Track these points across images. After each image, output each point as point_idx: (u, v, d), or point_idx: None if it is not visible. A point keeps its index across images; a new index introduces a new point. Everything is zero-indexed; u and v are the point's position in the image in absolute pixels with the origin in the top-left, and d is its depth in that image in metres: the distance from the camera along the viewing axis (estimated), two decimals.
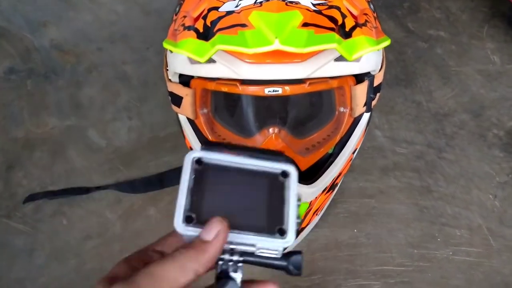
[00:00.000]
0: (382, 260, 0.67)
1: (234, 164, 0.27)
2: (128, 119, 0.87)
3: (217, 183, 0.27)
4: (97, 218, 0.73)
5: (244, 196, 0.27)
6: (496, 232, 0.70)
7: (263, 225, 0.26)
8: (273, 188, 0.27)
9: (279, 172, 0.27)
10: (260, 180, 0.27)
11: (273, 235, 0.26)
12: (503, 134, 0.82)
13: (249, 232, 0.26)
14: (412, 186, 0.75)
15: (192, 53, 0.48)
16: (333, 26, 0.47)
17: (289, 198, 0.27)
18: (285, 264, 0.27)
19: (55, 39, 1.01)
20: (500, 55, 0.94)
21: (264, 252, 0.26)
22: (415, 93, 0.89)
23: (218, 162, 0.27)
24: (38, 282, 0.67)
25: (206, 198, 0.26)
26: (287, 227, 0.26)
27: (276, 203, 0.27)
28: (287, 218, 0.26)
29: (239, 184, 0.27)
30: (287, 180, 0.27)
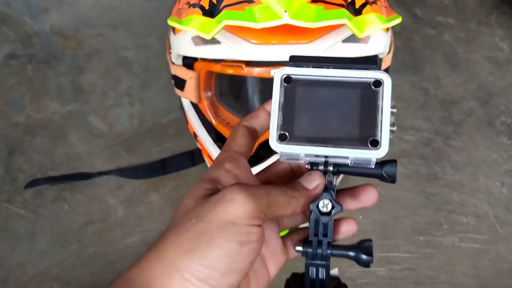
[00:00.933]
0: (388, 247, 0.66)
1: (323, 77, 0.26)
2: (129, 104, 0.86)
3: (308, 98, 0.26)
4: (99, 203, 0.72)
5: (335, 109, 0.26)
6: (503, 219, 0.69)
7: (356, 138, 0.25)
8: (365, 99, 0.26)
9: (371, 81, 0.26)
10: (351, 91, 0.26)
11: (366, 147, 0.25)
12: (511, 122, 0.80)
13: (342, 146, 0.26)
14: (419, 173, 0.74)
15: (198, 30, 0.46)
16: (342, 3, 0.46)
17: (383, 107, 0.25)
18: (379, 173, 0.27)
19: (55, 24, 1.00)
20: (509, 42, 0.93)
21: (358, 162, 0.26)
22: (422, 80, 0.87)
23: (306, 77, 0.26)
24: (39, 266, 0.66)
25: (298, 115, 0.26)
26: (380, 137, 0.25)
27: (368, 114, 0.26)
28: (380, 128, 0.25)
29: (330, 97, 0.26)
30: (380, 88, 0.26)
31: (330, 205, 0.26)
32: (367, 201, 0.28)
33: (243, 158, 0.27)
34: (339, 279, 0.28)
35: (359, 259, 0.27)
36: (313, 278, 0.27)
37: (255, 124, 0.28)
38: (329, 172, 0.27)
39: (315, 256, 0.27)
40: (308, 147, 0.26)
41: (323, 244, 0.27)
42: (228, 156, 0.26)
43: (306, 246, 0.27)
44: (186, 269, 0.22)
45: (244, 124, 0.28)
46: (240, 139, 0.27)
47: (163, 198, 0.73)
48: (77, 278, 0.64)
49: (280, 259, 0.28)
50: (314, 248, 0.27)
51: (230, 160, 0.26)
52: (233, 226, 0.22)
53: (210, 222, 0.22)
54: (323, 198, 0.26)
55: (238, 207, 0.22)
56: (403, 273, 0.64)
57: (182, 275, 0.22)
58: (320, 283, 0.27)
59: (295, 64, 0.27)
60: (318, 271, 0.27)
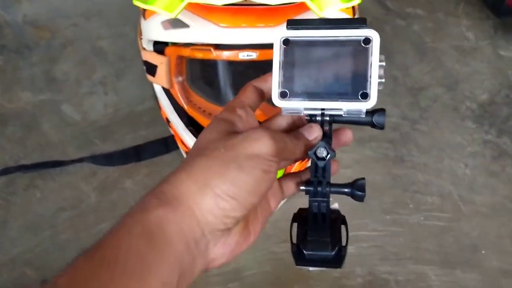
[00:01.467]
0: (356, 226, 0.68)
1: (318, 37, 0.29)
2: (104, 93, 0.86)
3: (305, 57, 0.29)
4: (72, 190, 0.72)
5: (329, 66, 0.29)
6: (466, 198, 0.72)
7: (348, 91, 0.29)
8: (356, 55, 0.29)
9: (361, 39, 0.29)
10: (343, 49, 0.29)
11: (357, 99, 0.29)
12: (475, 107, 0.83)
13: (336, 99, 0.29)
14: (387, 156, 0.76)
15: (163, 9, 0.47)
16: None
17: (372, 62, 0.28)
18: (370, 120, 0.30)
19: (28, 15, 0.99)
20: (474, 31, 0.96)
21: (351, 113, 0.29)
22: (392, 69, 0.90)
23: (303, 38, 0.29)
24: (11, 252, 0.66)
25: (296, 74, 0.30)
26: (370, 90, 0.28)
27: (359, 69, 0.29)
28: (370, 81, 0.29)
29: (324, 55, 0.29)
30: (369, 45, 0.28)
31: (326, 152, 0.30)
32: (344, 140, 0.33)
33: (250, 108, 0.30)
34: (339, 212, 0.32)
35: (354, 194, 0.31)
36: (315, 212, 0.30)
37: (263, 86, 0.31)
38: (325, 122, 0.30)
39: (316, 194, 0.30)
40: (306, 102, 0.30)
41: (323, 184, 0.30)
42: (239, 104, 0.30)
43: (308, 185, 0.31)
44: (218, 187, 0.26)
45: (254, 83, 0.32)
46: (249, 93, 0.31)
47: (137, 184, 0.73)
48: (50, 263, 0.64)
49: (278, 197, 0.33)
50: (315, 187, 0.30)
51: (240, 107, 0.30)
52: (258, 158, 0.27)
53: (239, 152, 0.27)
54: (319, 146, 0.30)
55: (262, 145, 0.27)
56: (371, 250, 0.66)
57: (215, 191, 0.26)
58: (322, 215, 0.30)
59: (292, 28, 0.29)
60: (320, 206, 0.30)
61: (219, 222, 0.26)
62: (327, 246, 0.30)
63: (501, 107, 0.83)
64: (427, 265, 0.66)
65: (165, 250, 0.25)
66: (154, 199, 0.26)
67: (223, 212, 0.26)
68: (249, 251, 0.65)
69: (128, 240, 0.24)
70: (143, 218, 0.25)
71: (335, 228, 0.31)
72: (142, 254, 0.24)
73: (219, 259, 0.28)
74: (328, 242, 0.30)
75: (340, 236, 0.31)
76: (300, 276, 0.64)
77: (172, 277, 0.25)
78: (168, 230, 0.25)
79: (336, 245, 0.30)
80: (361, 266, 0.65)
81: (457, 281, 0.65)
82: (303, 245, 0.30)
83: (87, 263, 0.23)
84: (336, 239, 0.30)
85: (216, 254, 0.28)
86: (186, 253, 0.26)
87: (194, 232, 0.26)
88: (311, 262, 0.30)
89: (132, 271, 0.23)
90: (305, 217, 0.31)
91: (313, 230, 0.30)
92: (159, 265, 0.24)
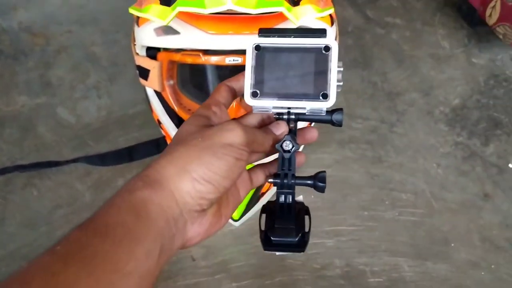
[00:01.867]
0: (336, 221, 0.73)
1: (285, 44, 0.33)
2: (97, 97, 0.90)
3: (274, 62, 0.33)
4: (67, 189, 0.76)
5: (295, 69, 0.33)
6: (438, 196, 0.77)
7: (311, 92, 0.32)
8: (318, 61, 0.32)
9: (322, 47, 0.32)
10: (307, 55, 0.33)
11: (318, 99, 0.32)
12: (448, 111, 0.89)
13: (301, 99, 0.33)
14: (365, 156, 0.81)
15: (156, 16, 0.52)
16: None
17: (331, 67, 0.32)
18: (329, 119, 0.34)
19: (24, 21, 1.02)
20: (449, 40, 1.02)
21: (313, 111, 0.33)
22: (371, 75, 0.95)
23: (272, 45, 0.33)
24: (9, 247, 0.69)
25: (266, 76, 0.33)
26: (329, 91, 0.32)
27: (320, 73, 0.32)
28: (329, 84, 0.32)
29: (291, 60, 0.33)
30: (329, 52, 0.32)
31: (291, 145, 0.33)
32: (309, 137, 0.36)
33: (224, 106, 0.34)
34: (303, 203, 0.35)
35: (316, 185, 0.34)
36: (282, 203, 0.33)
37: (235, 85, 0.35)
38: (291, 120, 0.34)
39: (283, 186, 0.33)
40: (275, 101, 0.33)
41: (288, 176, 0.33)
42: (214, 102, 0.34)
43: (276, 178, 0.34)
44: (195, 171, 0.29)
45: (227, 83, 0.35)
46: (223, 92, 0.34)
47: None
48: None
49: (247, 186, 0.36)
50: (282, 179, 0.33)
51: (215, 105, 0.33)
52: (231, 146, 0.30)
53: (214, 141, 0.30)
54: (285, 139, 0.33)
55: (235, 135, 0.30)
56: (349, 243, 0.71)
57: (192, 175, 0.29)
58: (287, 206, 0.33)
59: (263, 35, 0.33)
60: (286, 197, 0.33)
61: (195, 204, 0.29)
62: (292, 233, 0.32)
63: (472, 111, 0.89)
64: (400, 257, 0.70)
65: (148, 224, 0.27)
66: (139, 182, 0.29)
67: (199, 194, 0.29)
68: (236, 245, 0.69)
69: (116, 215, 0.27)
70: (130, 198, 0.28)
71: (299, 217, 0.34)
72: (129, 227, 0.27)
73: (195, 237, 0.31)
74: (293, 229, 0.32)
75: (303, 224, 0.34)
76: (283, 268, 0.68)
77: (155, 249, 0.27)
78: (151, 208, 0.28)
79: (299, 232, 0.32)
80: (340, 258, 0.70)
81: (429, 271, 0.69)
82: (270, 232, 0.33)
83: (82, 234, 0.26)
84: (300, 227, 0.33)
85: (193, 233, 0.31)
86: (167, 229, 0.28)
87: (173, 211, 0.29)
88: (278, 247, 0.33)
89: (120, 241, 0.26)
90: (273, 209, 0.34)
91: (279, 219, 0.33)
92: (143, 237, 0.27)
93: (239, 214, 0.69)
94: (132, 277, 0.25)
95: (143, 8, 0.55)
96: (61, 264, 0.24)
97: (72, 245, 0.25)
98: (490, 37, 1.00)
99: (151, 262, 0.27)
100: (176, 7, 0.50)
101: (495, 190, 0.78)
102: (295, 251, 0.33)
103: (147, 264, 0.26)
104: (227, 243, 0.70)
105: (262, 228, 0.34)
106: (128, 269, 0.25)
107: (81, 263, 0.24)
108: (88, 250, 0.25)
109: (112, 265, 0.25)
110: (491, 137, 0.85)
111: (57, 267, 0.23)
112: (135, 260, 0.26)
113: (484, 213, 0.76)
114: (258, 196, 0.69)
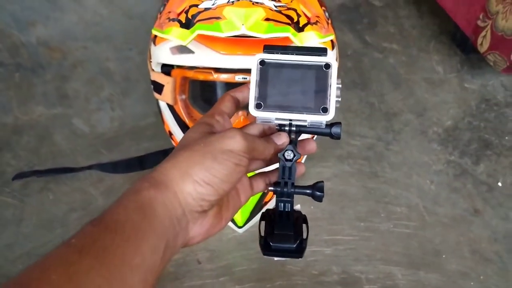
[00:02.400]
0: (334, 231, 0.77)
1: (288, 61, 0.35)
2: (111, 109, 0.95)
3: (277, 76, 0.35)
4: (81, 194, 0.80)
5: (297, 84, 0.35)
6: (430, 210, 0.81)
7: (311, 106, 0.35)
8: (319, 77, 0.35)
9: (323, 64, 0.35)
10: (308, 71, 0.35)
11: (318, 113, 0.34)
12: (441, 131, 0.94)
13: (302, 112, 0.35)
14: (362, 171, 0.86)
15: (177, 37, 0.58)
16: (289, 22, 0.58)
17: (331, 83, 0.34)
18: (328, 132, 0.36)
19: (42, 36, 1.09)
20: (443, 66, 1.08)
21: (313, 124, 0.35)
22: (369, 96, 1.01)
23: (276, 60, 0.35)
24: (26, 247, 0.73)
25: (270, 89, 0.35)
26: (329, 106, 0.34)
27: (320, 89, 0.35)
28: (329, 99, 0.34)
29: (293, 75, 0.35)
30: (329, 70, 0.35)
31: (292, 154, 0.35)
32: (308, 149, 0.39)
33: (227, 116, 0.36)
34: (300, 212, 0.37)
35: (314, 195, 0.36)
36: (281, 211, 0.35)
37: (239, 96, 0.37)
38: (292, 131, 0.36)
39: (283, 194, 0.35)
40: (277, 113, 0.35)
41: (288, 185, 0.35)
42: (217, 111, 0.36)
43: (276, 186, 0.36)
44: (196, 174, 0.31)
45: (231, 94, 0.37)
46: (227, 102, 0.37)
47: None
48: None
49: (248, 193, 0.38)
50: (282, 187, 0.35)
51: (218, 114, 0.36)
52: (231, 152, 0.32)
53: (215, 147, 0.32)
54: (287, 149, 0.35)
55: (235, 142, 0.32)
56: (346, 252, 0.75)
57: (194, 178, 0.31)
58: (286, 213, 0.35)
59: (268, 51, 0.35)
60: (285, 206, 0.35)
61: (196, 205, 0.31)
62: (290, 239, 0.34)
63: (464, 132, 0.94)
64: (394, 266, 0.74)
65: (154, 222, 0.29)
66: (146, 183, 0.31)
67: (200, 196, 0.31)
68: (240, 250, 0.73)
69: (125, 214, 0.29)
70: (136, 197, 0.30)
71: (297, 224, 0.35)
72: (136, 224, 0.29)
73: (196, 237, 0.33)
74: (292, 235, 0.34)
75: (302, 231, 0.35)
76: (283, 273, 0.72)
77: (160, 245, 0.29)
78: (156, 207, 0.30)
79: (298, 238, 0.34)
80: (337, 265, 0.74)
81: (421, 280, 0.73)
82: (270, 238, 0.34)
83: (95, 229, 0.28)
84: (298, 233, 0.34)
85: (194, 233, 0.33)
86: (171, 227, 0.30)
87: (176, 211, 0.31)
88: (276, 252, 0.34)
89: (128, 237, 0.28)
90: (272, 216, 0.36)
91: (279, 226, 0.34)
92: (149, 234, 0.29)
93: (243, 221, 0.73)
94: (139, 270, 0.28)
95: (164, 30, 0.61)
96: (76, 255, 0.26)
97: (86, 239, 0.27)
98: (482, 64, 1.07)
99: (156, 257, 0.29)
100: (196, 30, 0.55)
101: (484, 206, 0.83)
102: (293, 256, 0.34)
103: (152, 258, 0.29)
104: (231, 248, 0.74)
105: (261, 234, 0.35)
106: (136, 262, 0.27)
107: (94, 255, 0.26)
108: (101, 244, 0.27)
109: (121, 258, 0.27)
110: (482, 157, 0.91)
111: (73, 258, 0.26)
112: (142, 255, 0.28)
113: (474, 227, 0.80)
114: (262, 204, 0.74)
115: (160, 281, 0.31)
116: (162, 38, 0.65)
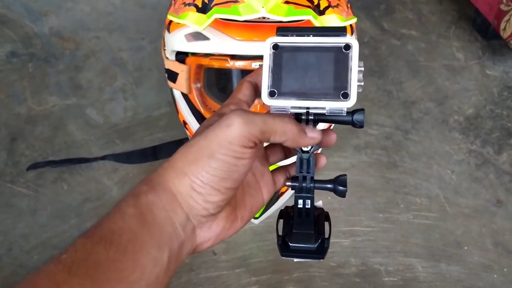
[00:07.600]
0: (352, 222, 0.75)
1: (304, 43, 0.31)
2: (124, 99, 0.94)
3: (292, 61, 0.31)
4: (96, 184, 0.80)
5: (314, 69, 0.31)
6: (451, 201, 0.79)
7: (330, 92, 0.30)
8: (338, 60, 0.30)
9: (342, 46, 0.30)
10: (326, 54, 0.31)
11: (338, 99, 0.30)
12: (462, 120, 0.91)
13: (320, 98, 0.31)
14: (381, 161, 0.84)
15: (193, 23, 0.56)
16: (309, 5, 0.56)
17: (352, 66, 0.30)
18: (350, 120, 0.32)
19: (54, 27, 1.08)
20: (464, 52, 1.05)
21: (333, 112, 0.31)
22: (387, 84, 0.98)
23: (290, 44, 0.31)
24: (41, 237, 0.73)
25: (284, 75, 0.31)
26: (350, 91, 0.30)
27: (340, 72, 0.30)
28: (350, 83, 0.30)
29: (309, 59, 0.31)
30: (350, 51, 0.30)
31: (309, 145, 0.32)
32: (328, 139, 0.34)
33: (246, 105, 0.33)
34: (322, 209, 0.34)
35: (336, 190, 0.33)
36: (300, 208, 0.32)
37: (257, 80, 0.33)
38: (310, 120, 0.32)
39: (301, 190, 0.32)
40: (293, 101, 0.31)
41: (307, 179, 0.32)
42: (234, 101, 0.32)
43: (294, 181, 0.32)
44: (193, 174, 0.27)
45: (248, 79, 0.33)
46: (244, 90, 0.33)
47: None
48: None
49: (270, 188, 0.34)
50: (300, 182, 0.32)
51: (235, 103, 0.32)
52: (229, 144, 0.27)
53: (211, 140, 0.27)
54: None
55: (234, 130, 0.27)
56: (364, 243, 0.73)
57: (190, 178, 0.27)
58: (306, 211, 0.32)
59: (281, 34, 0.31)
60: (305, 202, 0.32)
61: (201, 208, 0.28)
62: (310, 238, 0.31)
63: (485, 120, 0.91)
64: (414, 258, 0.73)
65: (154, 230, 0.27)
66: (144, 186, 0.28)
67: (201, 197, 0.28)
68: (256, 241, 0.72)
69: (122, 221, 0.26)
70: (135, 202, 0.27)
71: (318, 222, 0.32)
72: (134, 233, 0.26)
73: (205, 243, 0.30)
74: (312, 234, 0.31)
75: (323, 229, 0.32)
76: (300, 265, 0.71)
77: (162, 256, 0.26)
78: (156, 213, 0.27)
79: (319, 238, 0.31)
80: (355, 257, 0.72)
81: (442, 272, 0.71)
82: (288, 237, 0.31)
83: (87, 241, 0.25)
84: (319, 232, 0.31)
85: (203, 238, 0.29)
86: (174, 235, 0.27)
87: (178, 216, 0.28)
88: (296, 253, 0.31)
89: (125, 248, 0.25)
90: (290, 214, 0.32)
91: (298, 224, 0.31)
92: (149, 244, 0.26)
93: (260, 212, 0.72)
94: (138, 286, 0.25)
95: (180, 15, 0.59)
96: (65, 273, 0.23)
97: (77, 253, 0.25)
98: (504, 50, 1.03)
99: (158, 269, 0.26)
100: (213, 14, 0.54)
101: (507, 197, 0.80)
102: (314, 258, 0.31)
103: (154, 272, 0.26)
104: (247, 240, 0.73)
105: (279, 234, 0.32)
106: (134, 278, 0.25)
107: (85, 273, 0.24)
108: (93, 259, 0.24)
109: (116, 275, 0.24)
110: (504, 146, 0.88)
111: (61, 276, 0.23)
112: (141, 269, 0.25)
113: (497, 218, 0.78)
114: (277, 195, 0.72)
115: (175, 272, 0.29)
116: (177, 25, 0.63)
